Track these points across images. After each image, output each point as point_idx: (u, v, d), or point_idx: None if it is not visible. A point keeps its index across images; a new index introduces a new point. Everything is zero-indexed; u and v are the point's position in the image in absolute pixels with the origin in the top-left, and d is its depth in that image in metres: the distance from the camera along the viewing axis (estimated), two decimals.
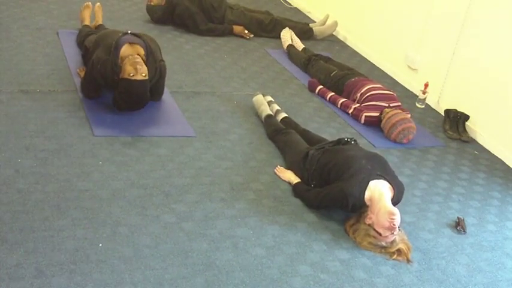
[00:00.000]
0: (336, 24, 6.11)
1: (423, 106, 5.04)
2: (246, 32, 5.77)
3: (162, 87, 4.17)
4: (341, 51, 5.94)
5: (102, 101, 4.02)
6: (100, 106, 3.98)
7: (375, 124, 4.45)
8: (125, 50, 3.87)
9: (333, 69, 4.94)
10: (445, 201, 3.74)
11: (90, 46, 4.21)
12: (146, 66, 3.82)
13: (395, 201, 3.22)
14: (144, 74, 3.75)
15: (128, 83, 3.73)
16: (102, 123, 3.82)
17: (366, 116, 4.43)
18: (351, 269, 2.98)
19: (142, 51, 3.91)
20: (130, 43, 3.91)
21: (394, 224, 3.03)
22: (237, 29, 5.77)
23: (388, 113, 4.33)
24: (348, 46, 6.14)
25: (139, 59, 3.77)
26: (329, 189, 3.25)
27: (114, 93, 3.86)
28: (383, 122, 4.33)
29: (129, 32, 4.08)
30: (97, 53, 3.90)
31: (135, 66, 3.71)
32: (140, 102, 3.89)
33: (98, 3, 5.09)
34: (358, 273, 2.96)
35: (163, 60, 4.11)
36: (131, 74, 3.71)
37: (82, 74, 4.09)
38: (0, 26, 4.96)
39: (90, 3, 5.06)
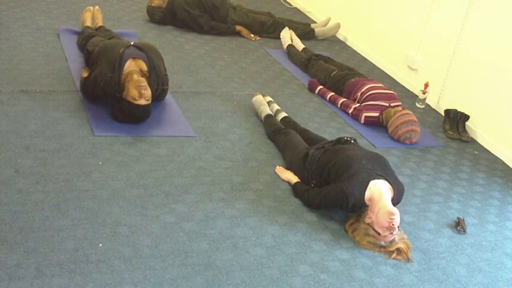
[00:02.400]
0: (338, 26, 6.11)
1: (423, 106, 5.04)
2: (252, 35, 5.78)
3: (164, 96, 4.18)
4: (341, 51, 5.94)
5: (102, 102, 4.01)
6: (100, 106, 3.97)
7: (374, 124, 4.45)
8: (129, 65, 3.90)
9: (333, 69, 4.94)
10: (445, 201, 3.74)
11: (92, 50, 4.21)
12: (148, 81, 3.85)
13: (395, 202, 3.22)
14: (147, 99, 3.76)
15: (130, 106, 3.75)
16: (102, 123, 3.81)
17: (365, 116, 4.43)
18: (351, 269, 2.98)
19: (145, 67, 3.94)
20: (134, 58, 3.93)
21: (393, 224, 3.03)
22: (243, 31, 5.78)
23: (400, 110, 4.32)
24: (348, 46, 6.14)
25: (144, 83, 3.76)
26: (329, 189, 3.25)
27: (114, 108, 3.85)
28: (393, 118, 4.30)
29: (132, 43, 4.09)
30: (100, 68, 3.89)
31: (139, 91, 3.71)
32: (140, 121, 3.89)
33: (97, 7, 5.09)
34: (358, 273, 2.96)
35: (166, 74, 4.12)
36: (135, 98, 3.72)
37: (85, 75, 4.08)
38: (0, 26, 4.96)
39: (91, 7, 5.08)
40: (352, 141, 3.58)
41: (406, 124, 4.24)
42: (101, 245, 2.78)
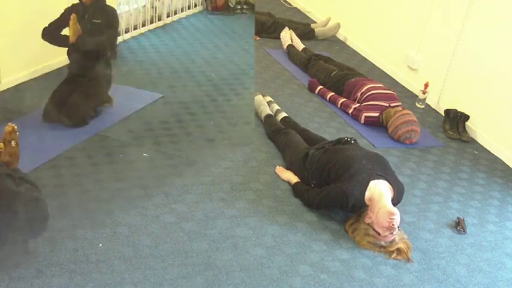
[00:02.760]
0: (338, 26, 6.11)
1: (423, 106, 5.04)
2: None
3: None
4: (341, 51, 5.94)
5: None
6: None
7: (374, 124, 4.45)
8: None
9: (333, 69, 4.94)
10: (445, 201, 3.74)
11: None
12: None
13: (395, 202, 3.22)
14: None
15: None
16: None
17: (365, 116, 4.43)
18: (351, 269, 2.98)
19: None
20: None
21: (393, 224, 3.03)
22: None
23: (400, 111, 4.32)
24: (348, 46, 6.14)
25: None
26: (329, 189, 3.25)
27: None
28: (393, 118, 4.30)
29: None
30: None
31: None
32: None
33: None
34: (358, 273, 2.96)
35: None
36: None
37: None
38: None
39: None
40: (353, 141, 3.58)
41: (406, 124, 4.24)
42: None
